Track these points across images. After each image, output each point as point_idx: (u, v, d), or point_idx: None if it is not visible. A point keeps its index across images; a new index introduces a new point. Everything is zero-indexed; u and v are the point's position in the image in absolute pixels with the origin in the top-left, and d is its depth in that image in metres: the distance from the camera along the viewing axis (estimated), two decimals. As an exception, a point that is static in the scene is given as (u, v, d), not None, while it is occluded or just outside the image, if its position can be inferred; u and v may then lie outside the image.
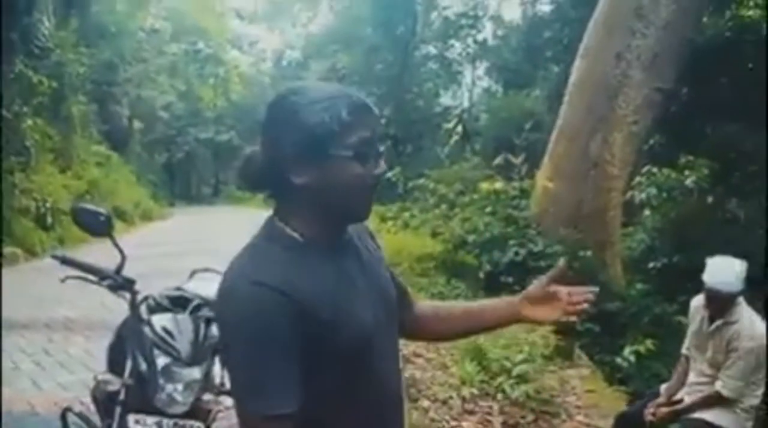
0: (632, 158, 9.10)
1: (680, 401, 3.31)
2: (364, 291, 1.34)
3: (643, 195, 9.28)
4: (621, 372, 6.76)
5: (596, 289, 1.49)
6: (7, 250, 9.71)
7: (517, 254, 8.03)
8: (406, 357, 5.54)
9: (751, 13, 10.89)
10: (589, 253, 8.24)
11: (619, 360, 6.70)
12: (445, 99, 26.96)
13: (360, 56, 24.95)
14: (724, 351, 3.15)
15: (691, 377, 3.35)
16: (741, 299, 3.18)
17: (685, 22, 9.01)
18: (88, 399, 2.76)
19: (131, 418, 2.31)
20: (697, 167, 9.14)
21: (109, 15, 18.48)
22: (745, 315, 3.16)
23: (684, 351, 3.47)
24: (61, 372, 5.15)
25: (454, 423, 4.25)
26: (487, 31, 25.24)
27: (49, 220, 11.41)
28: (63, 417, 2.48)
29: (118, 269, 2.51)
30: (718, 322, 3.19)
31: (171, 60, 26.62)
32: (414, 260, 9.32)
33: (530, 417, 4.61)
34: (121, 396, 2.37)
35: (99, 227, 2.48)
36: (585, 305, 1.48)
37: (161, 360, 2.40)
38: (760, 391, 3.21)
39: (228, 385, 1.55)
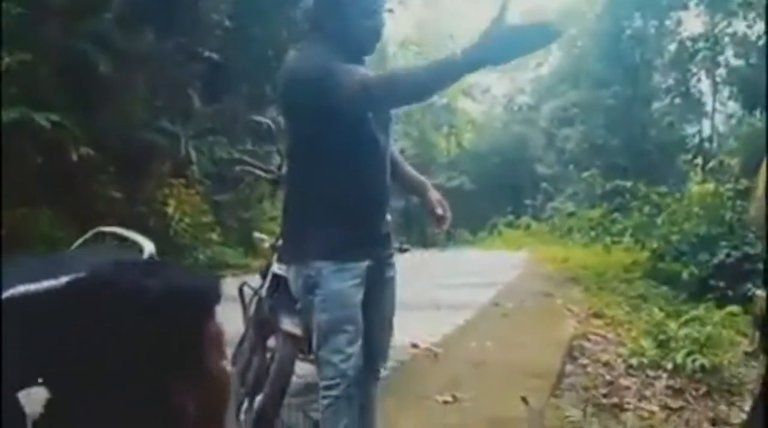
0: None
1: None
2: None
3: None
4: None
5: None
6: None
7: (728, 255, 7.44)
8: (583, 334, 5.60)
9: None
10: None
11: None
12: (682, 128, 25.11)
13: (588, 91, 24.55)
14: None
15: None
16: None
17: None
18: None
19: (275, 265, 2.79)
20: None
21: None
22: None
23: None
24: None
25: (609, 377, 4.27)
26: (729, 52, 23.21)
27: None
28: (240, 290, 3.18)
29: (280, 167, 3.10)
30: None
31: (405, 110, 28.56)
32: (621, 269, 9.12)
33: (702, 389, 4.43)
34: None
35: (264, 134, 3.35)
36: None
37: None
38: None
39: None
